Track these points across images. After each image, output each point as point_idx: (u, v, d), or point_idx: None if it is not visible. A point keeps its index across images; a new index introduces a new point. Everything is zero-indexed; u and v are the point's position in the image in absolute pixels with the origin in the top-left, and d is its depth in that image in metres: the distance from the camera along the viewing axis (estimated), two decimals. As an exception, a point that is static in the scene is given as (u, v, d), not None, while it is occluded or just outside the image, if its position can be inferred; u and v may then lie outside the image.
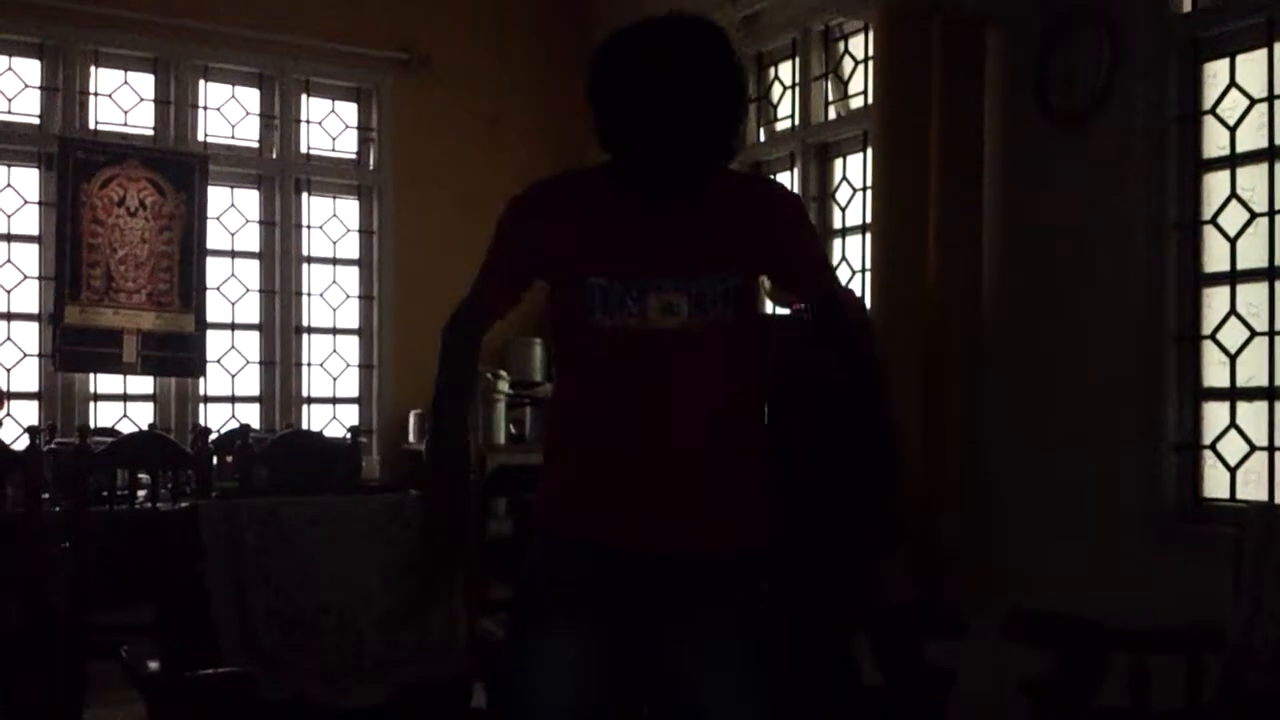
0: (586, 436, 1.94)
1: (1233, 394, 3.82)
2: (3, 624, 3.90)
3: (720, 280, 1.89)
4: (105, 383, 6.14)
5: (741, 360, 1.95)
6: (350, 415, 6.70)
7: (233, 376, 6.51)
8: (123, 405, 6.21)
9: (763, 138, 5.91)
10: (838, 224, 5.47)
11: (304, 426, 6.44)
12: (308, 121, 6.61)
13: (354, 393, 6.80)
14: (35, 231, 5.99)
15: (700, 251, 1.91)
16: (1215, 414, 3.88)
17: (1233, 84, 3.84)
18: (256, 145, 6.54)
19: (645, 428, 1.88)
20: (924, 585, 4.17)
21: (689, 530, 1.88)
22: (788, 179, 5.71)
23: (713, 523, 1.90)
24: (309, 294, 6.65)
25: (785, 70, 5.77)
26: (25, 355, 5.99)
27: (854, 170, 5.37)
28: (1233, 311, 3.81)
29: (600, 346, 1.89)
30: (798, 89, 5.63)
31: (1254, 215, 3.78)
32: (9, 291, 5.97)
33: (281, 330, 6.55)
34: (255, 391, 6.55)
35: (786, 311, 4.91)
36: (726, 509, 1.91)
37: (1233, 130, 3.84)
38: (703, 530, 1.89)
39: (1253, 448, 3.75)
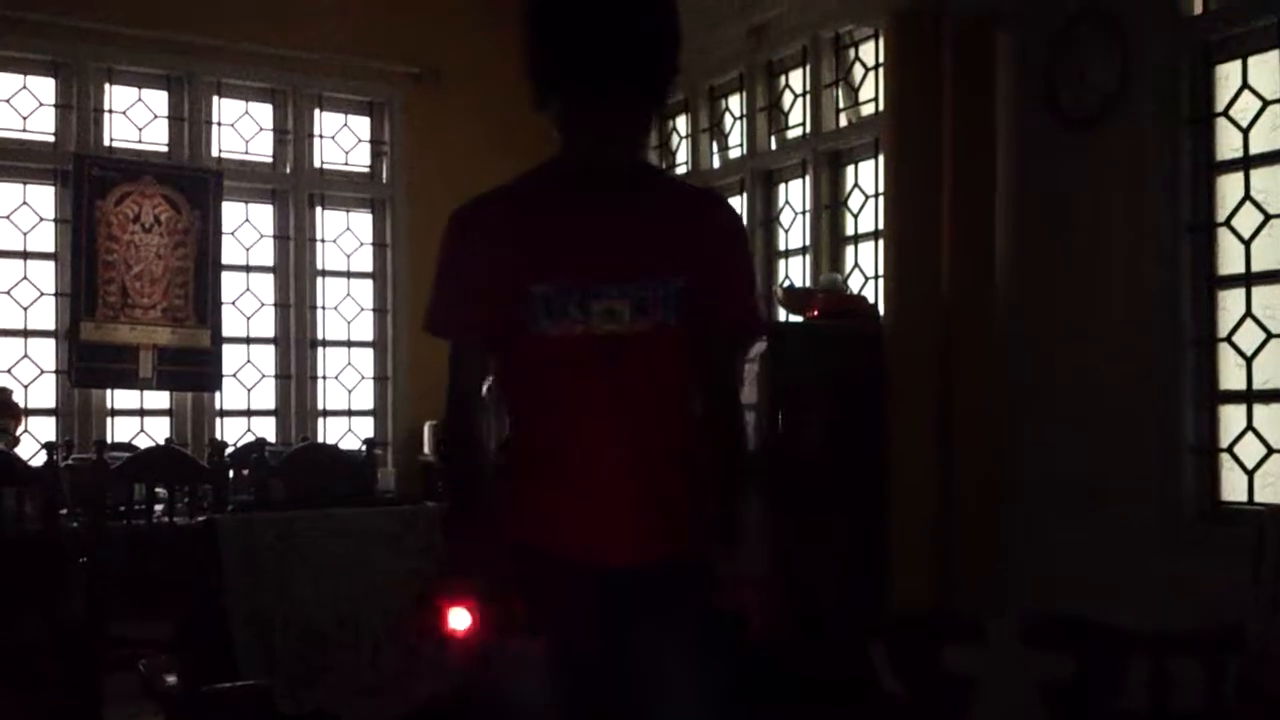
0: (532, 448, 1.93)
1: (1249, 396, 3.80)
2: (22, 638, 3.92)
3: (662, 283, 1.88)
4: (122, 398, 6.17)
5: (681, 365, 1.94)
6: (365, 428, 6.72)
7: (248, 390, 6.53)
8: (139, 420, 6.24)
9: (774, 146, 5.92)
10: (850, 231, 5.47)
11: (319, 439, 6.46)
12: (321, 136, 6.64)
13: (369, 405, 6.81)
14: (51, 248, 6.03)
15: (641, 254, 1.89)
16: (1232, 417, 3.86)
17: (1245, 86, 3.83)
18: (270, 160, 6.57)
19: (589, 435, 1.88)
20: (941, 591, 4.16)
21: (634, 538, 1.88)
22: (799, 187, 5.71)
23: (658, 529, 1.89)
24: (323, 307, 6.68)
25: (796, 78, 5.77)
26: (42, 371, 6.02)
27: (866, 177, 5.36)
28: (1248, 314, 3.80)
29: (545, 356, 1.88)
30: (809, 97, 5.62)
31: (1268, 217, 3.76)
32: (25, 308, 6.01)
33: (296, 344, 6.57)
34: (271, 405, 6.57)
35: (799, 319, 4.92)
36: (670, 516, 1.91)
37: (1245, 132, 3.82)
38: (647, 537, 1.88)
39: (1270, 450, 3.73)
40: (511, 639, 1.84)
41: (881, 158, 4.90)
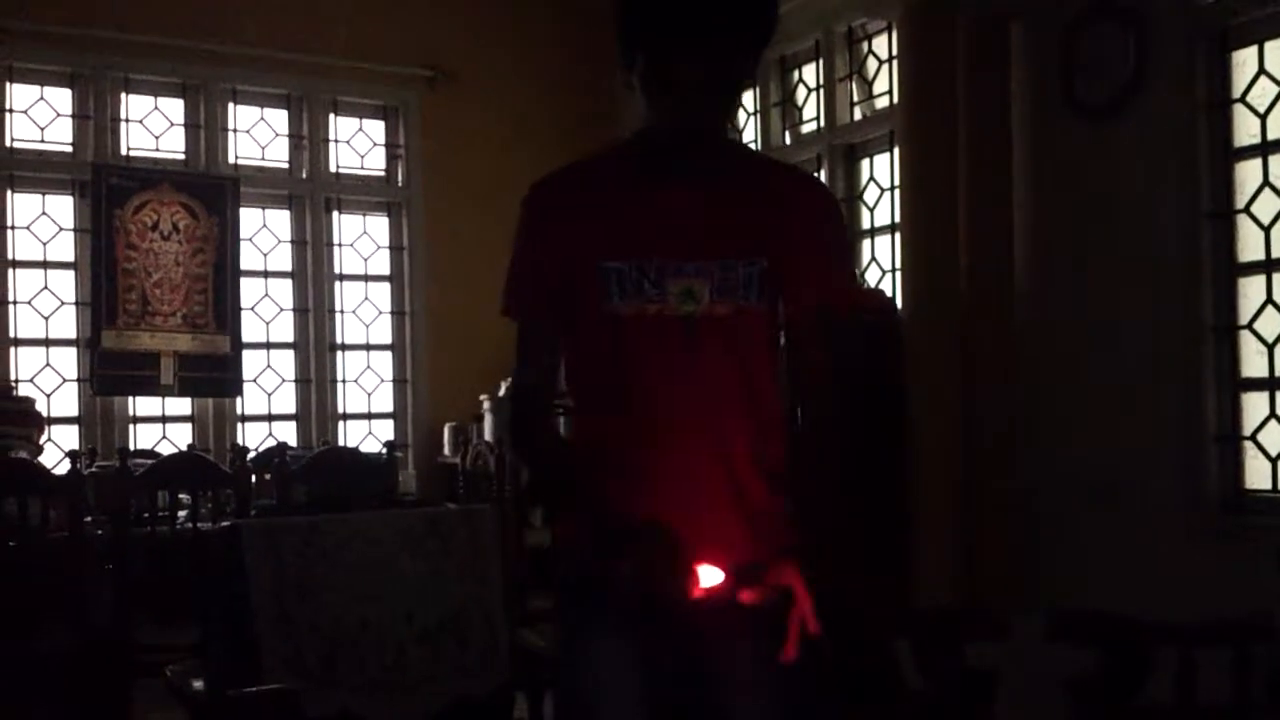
0: (599, 437, 1.82)
1: (1272, 383, 3.78)
2: (49, 645, 3.94)
3: (744, 264, 1.78)
4: (144, 405, 6.21)
5: (763, 350, 1.84)
6: (385, 430, 6.74)
7: (269, 395, 6.55)
8: (161, 427, 6.27)
9: (788, 140, 5.91)
10: (866, 224, 5.45)
11: (340, 443, 6.48)
12: (336, 140, 6.66)
13: (389, 408, 6.84)
14: (71, 258, 6.07)
15: (722, 233, 1.79)
16: (1255, 404, 3.84)
17: (1262, 71, 3.80)
18: (286, 165, 6.59)
19: (664, 424, 1.76)
20: (964, 586, 4.15)
21: (711, 536, 1.72)
22: (815, 181, 5.70)
23: (737, 529, 1.77)
24: (342, 311, 6.70)
25: (809, 72, 5.76)
26: (64, 380, 6.06)
27: (881, 170, 5.35)
28: (1269, 300, 3.78)
29: (616, 336, 1.77)
30: (822, 90, 5.62)
31: (1288, 203, 3.74)
32: (47, 318, 6.05)
33: (316, 348, 6.59)
34: (291, 409, 6.60)
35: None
36: (750, 513, 1.80)
37: (1263, 118, 3.80)
38: (727, 538, 1.75)
39: (1294, 437, 3.71)
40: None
41: (897, 150, 4.89)
